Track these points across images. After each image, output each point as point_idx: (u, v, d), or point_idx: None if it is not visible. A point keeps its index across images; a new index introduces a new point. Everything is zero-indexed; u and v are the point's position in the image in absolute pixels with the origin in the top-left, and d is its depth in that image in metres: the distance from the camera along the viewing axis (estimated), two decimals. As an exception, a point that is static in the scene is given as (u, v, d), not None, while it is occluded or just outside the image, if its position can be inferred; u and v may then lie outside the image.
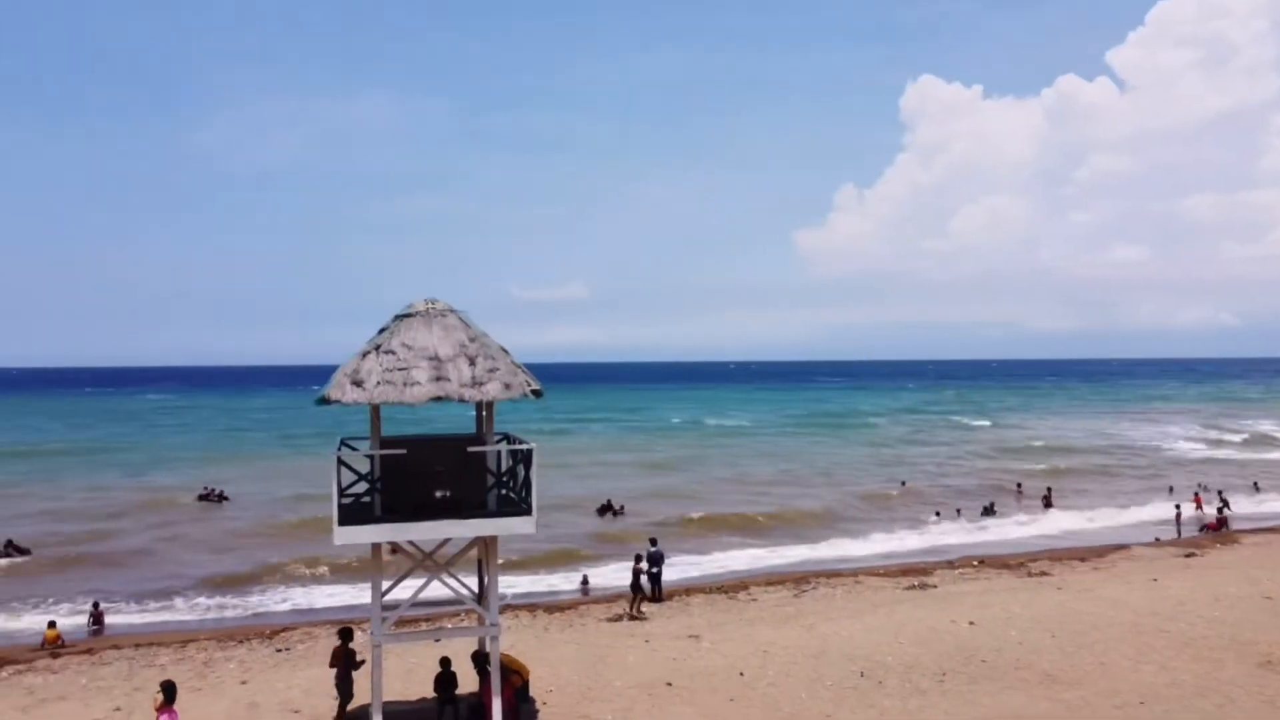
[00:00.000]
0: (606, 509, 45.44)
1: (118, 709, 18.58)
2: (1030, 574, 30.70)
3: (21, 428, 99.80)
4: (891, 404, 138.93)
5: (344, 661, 16.84)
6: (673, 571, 30.55)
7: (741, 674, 19.34)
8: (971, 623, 23.09)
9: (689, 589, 29.58)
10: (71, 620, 27.04)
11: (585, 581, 31.42)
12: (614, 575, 32.41)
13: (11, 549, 35.32)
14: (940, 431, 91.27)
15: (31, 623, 26.98)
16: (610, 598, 28.85)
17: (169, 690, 13.55)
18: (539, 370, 15.55)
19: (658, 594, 28.24)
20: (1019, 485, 53.14)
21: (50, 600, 29.43)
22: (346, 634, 17.10)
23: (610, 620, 25.56)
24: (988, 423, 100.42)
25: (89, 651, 23.81)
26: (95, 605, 27.81)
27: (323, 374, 17.25)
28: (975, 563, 33.19)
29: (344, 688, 16.85)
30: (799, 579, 30.84)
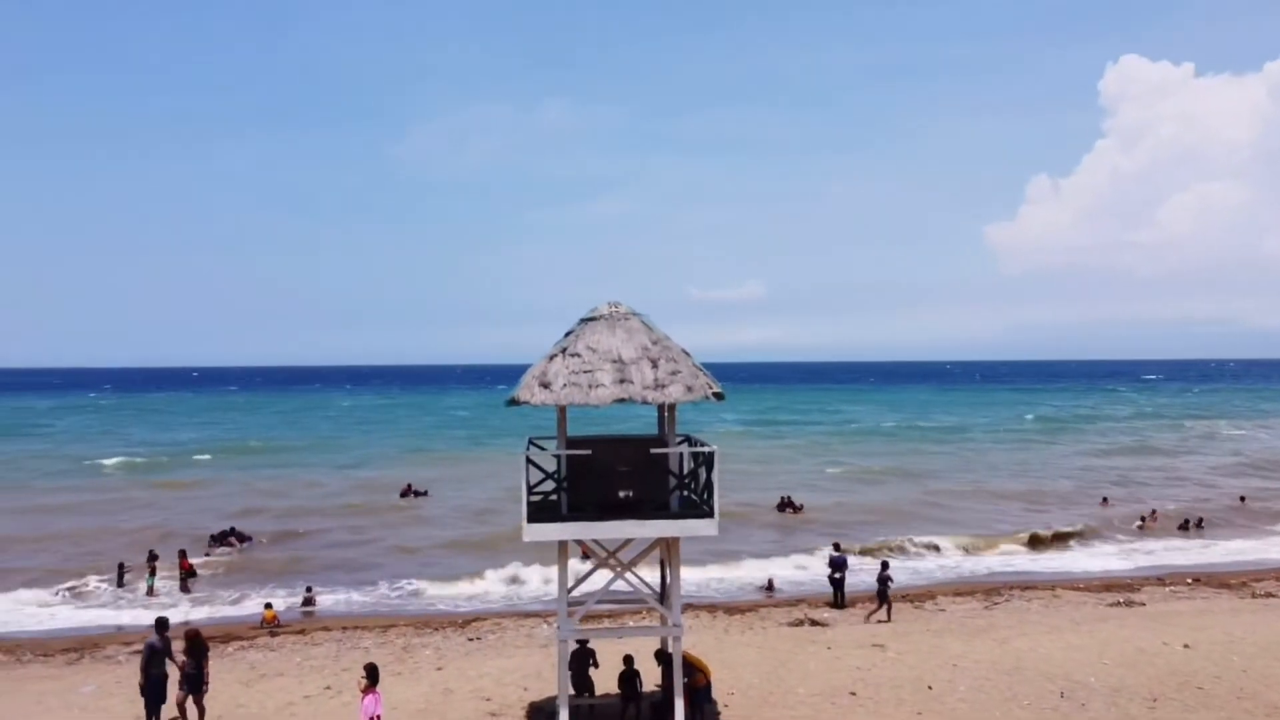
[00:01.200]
0: (785, 505, 45.08)
1: (328, 687, 19.92)
2: (1254, 595, 28.17)
3: (251, 424, 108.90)
4: (1110, 408, 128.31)
5: (579, 659, 17.27)
6: (855, 578, 29.84)
7: (930, 687, 18.68)
8: (1186, 645, 21.41)
9: (872, 596, 28.84)
10: (287, 602, 29.25)
11: (770, 585, 31.15)
12: (796, 578, 32.14)
13: (234, 537, 38.54)
14: (1166, 438, 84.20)
15: (253, 604, 29.29)
16: (791, 601, 28.55)
17: (372, 672, 14.44)
18: (720, 371, 15.57)
19: (840, 600, 27.72)
20: (1242, 499, 48.85)
21: (269, 584, 31.91)
22: None
23: (791, 625, 25.28)
24: (1242, 431, 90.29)
25: (302, 632, 25.71)
26: (308, 589, 30.00)
27: (513, 373, 17.86)
28: (1189, 580, 30.75)
29: (579, 683, 17.29)
30: (989, 590, 29.54)
